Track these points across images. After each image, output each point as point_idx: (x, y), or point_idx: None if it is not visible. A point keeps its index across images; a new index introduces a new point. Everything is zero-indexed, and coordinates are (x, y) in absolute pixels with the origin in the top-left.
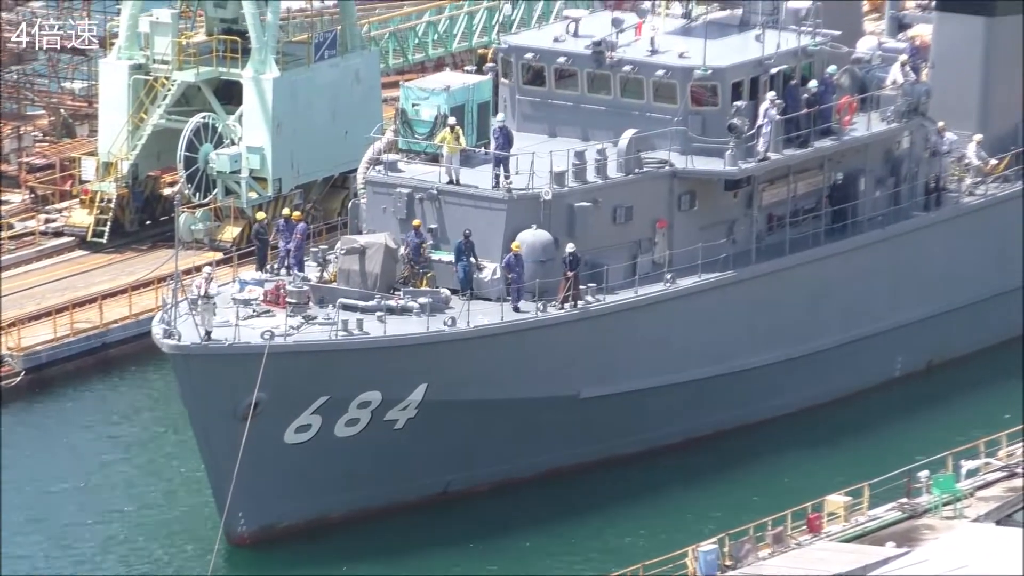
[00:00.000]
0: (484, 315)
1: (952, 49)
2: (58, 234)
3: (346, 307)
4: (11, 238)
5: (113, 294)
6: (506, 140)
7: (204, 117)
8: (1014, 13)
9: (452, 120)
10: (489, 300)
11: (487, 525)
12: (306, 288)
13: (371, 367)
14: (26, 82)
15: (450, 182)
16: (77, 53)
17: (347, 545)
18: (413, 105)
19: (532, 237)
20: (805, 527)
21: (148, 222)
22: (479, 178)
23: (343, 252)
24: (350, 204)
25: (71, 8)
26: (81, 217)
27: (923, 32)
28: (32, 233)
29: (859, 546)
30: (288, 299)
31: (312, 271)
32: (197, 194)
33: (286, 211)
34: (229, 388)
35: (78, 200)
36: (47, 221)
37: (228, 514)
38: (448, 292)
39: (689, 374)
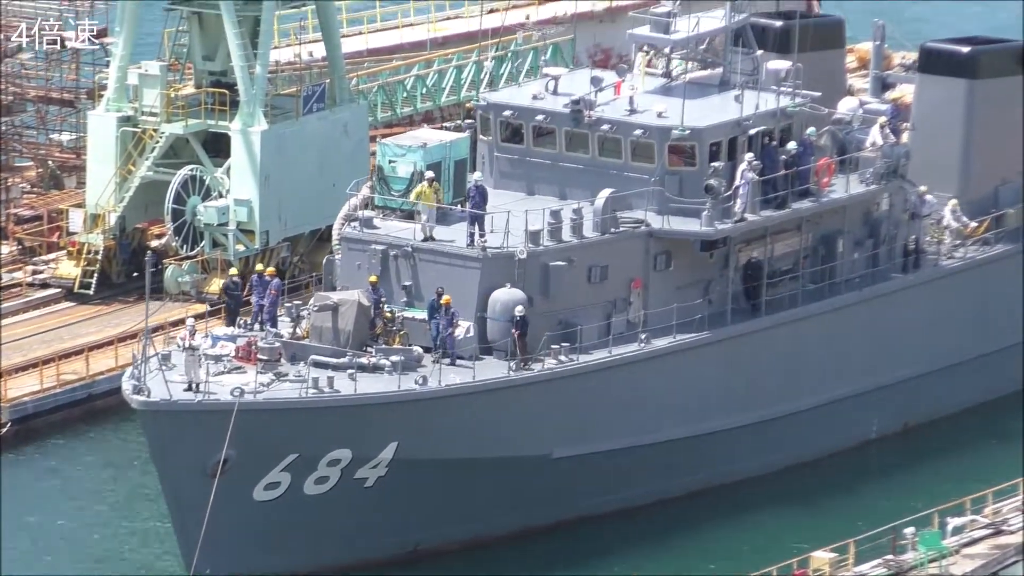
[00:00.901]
0: (456, 374)
1: (933, 111)
2: (45, 285)
3: (317, 364)
4: None
5: (99, 345)
6: (481, 198)
7: (192, 169)
8: (996, 76)
9: (430, 174)
10: (462, 358)
11: None
12: (278, 344)
13: (341, 425)
14: (14, 134)
15: (425, 239)
16: (65, 104)
17: None
18: (390, 162)
19: (506, 296)
20: None
21: (135, 274)
22: (454, 236)
23: (316, 309)
24: (324, 260)
25: (60, 60)
26: (68, 269)
27: (907, 92)
28: (19, 284)
29: None
30: (259, 355)
31: (285, 327)
32: (184, 246)
33: (259, 267)
34: (198, 445)
35: (65, 252)
36: (34, 272)
37: (196, 569)
38: (420, 350)
39: (663, 435)
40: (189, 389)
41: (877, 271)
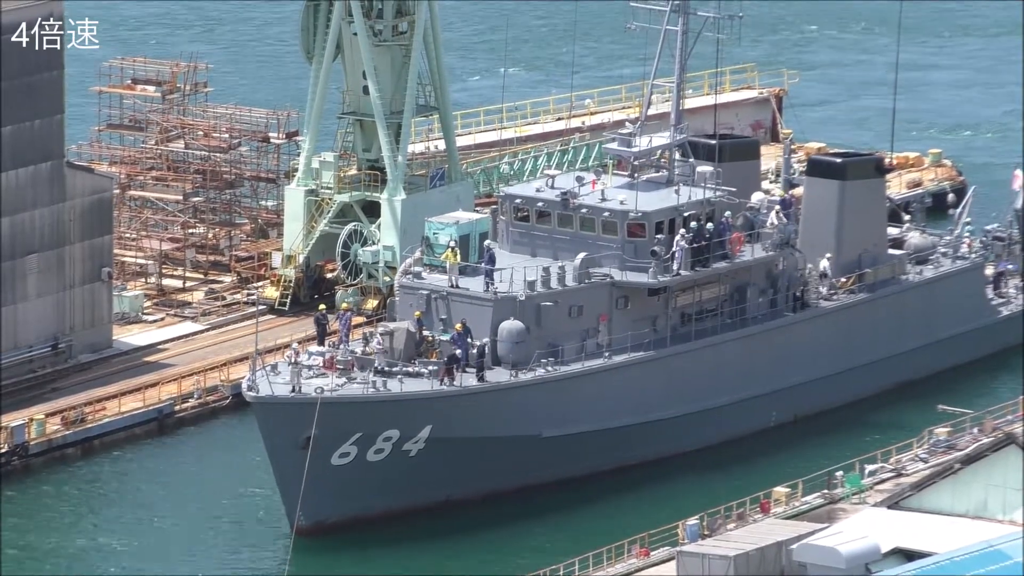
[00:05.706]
0: (473, 379)
1: (817, 202)
2: (255, 303)
3: (378, 372)
4: (224, 306)
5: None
6: (491, 259)
7: (355, 225)
8: (859, 179)
9: (453, 243)
10: (475, 367)
11: (479, 523)
12: (350, 358)
13: (392, 413)
14: (235, 201)
15: (454, 287)
16: (269, 181)
17: (375, 536)
18: (434, 233)
19: (510, 326)
20: (759, 509)
21: (316, 296)
22: (475, 284)
23: (378, 334)
24: (388, 301)
25: (266, 152)
26: (271, 292)
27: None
28: (238, 302)
29: (796, 522)
30: (337, 365)
31: (358, 346)
32: (349, 277)
33: (345, 304)
34: (293, 426)
35: (269, 280)
36: (248, 294)
37: (291, 513)
38: None
39: (622, 421)
40: (293, 390)
41: (775, 311)
